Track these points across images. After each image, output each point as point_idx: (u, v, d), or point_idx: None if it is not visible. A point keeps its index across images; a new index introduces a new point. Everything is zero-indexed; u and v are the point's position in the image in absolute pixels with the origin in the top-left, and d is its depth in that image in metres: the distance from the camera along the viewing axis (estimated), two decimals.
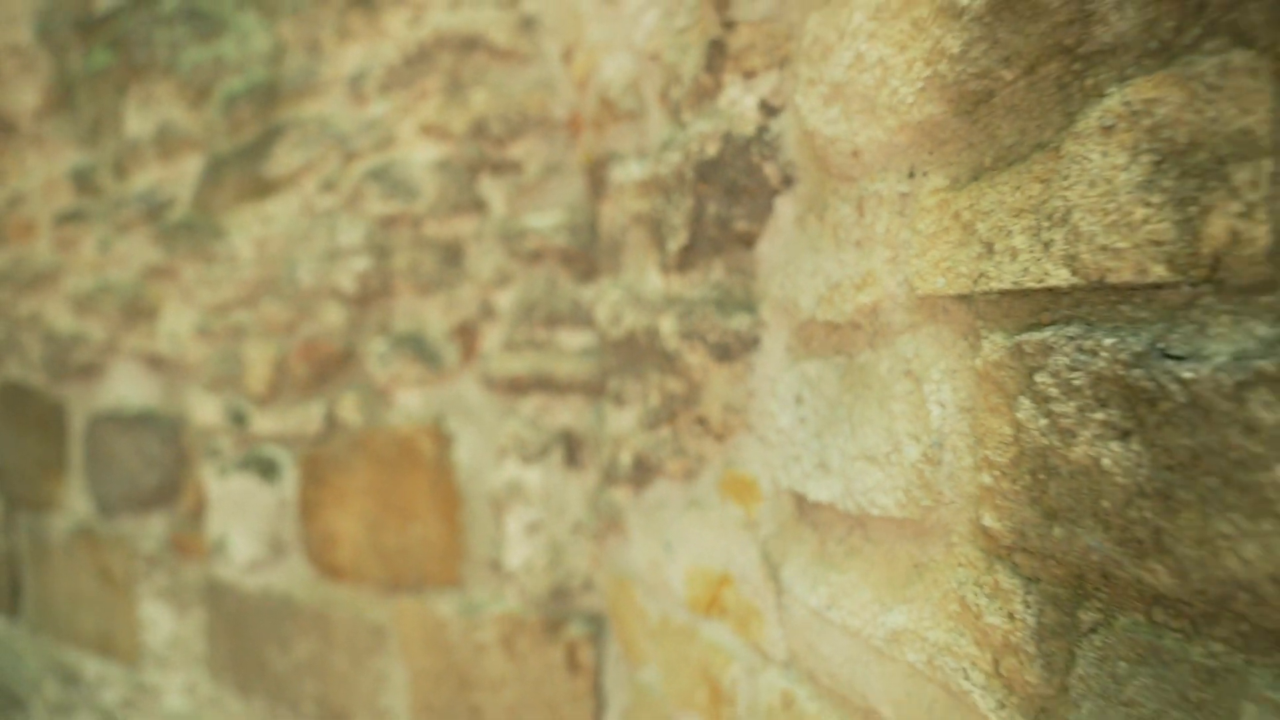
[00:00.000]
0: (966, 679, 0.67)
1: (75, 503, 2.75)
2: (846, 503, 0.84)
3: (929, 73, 0.67)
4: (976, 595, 0.66)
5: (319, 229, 2.05)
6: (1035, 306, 0.58)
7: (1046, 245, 0.56)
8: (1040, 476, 0.58)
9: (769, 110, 0.92)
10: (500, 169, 1.78)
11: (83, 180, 2.77)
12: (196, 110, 2.44)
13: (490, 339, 1.78)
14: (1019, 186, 0.60)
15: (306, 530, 2.08)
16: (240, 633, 2.28)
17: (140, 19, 2.68)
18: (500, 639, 1.80)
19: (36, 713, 2.96)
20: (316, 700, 2.13)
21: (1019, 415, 0.59)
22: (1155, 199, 0.49)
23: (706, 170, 1.01)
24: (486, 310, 1.78)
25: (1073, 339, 0.54)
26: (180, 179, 2.45)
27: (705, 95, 1.01)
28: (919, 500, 0.73)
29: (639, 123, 1.31)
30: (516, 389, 1.74)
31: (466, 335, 1.81)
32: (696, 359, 1.07)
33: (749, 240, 0.98)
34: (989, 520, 0.64)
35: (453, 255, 1.83)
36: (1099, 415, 0.52)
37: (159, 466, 2.45)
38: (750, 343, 0.98)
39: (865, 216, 0.78)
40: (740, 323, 0.98)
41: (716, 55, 0.97)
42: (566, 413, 1.68)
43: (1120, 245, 0.51)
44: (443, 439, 1.85)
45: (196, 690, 2.43)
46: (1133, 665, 0.53)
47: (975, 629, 0.66)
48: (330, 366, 2.00)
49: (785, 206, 0.94)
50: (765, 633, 1.05)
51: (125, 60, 2.69)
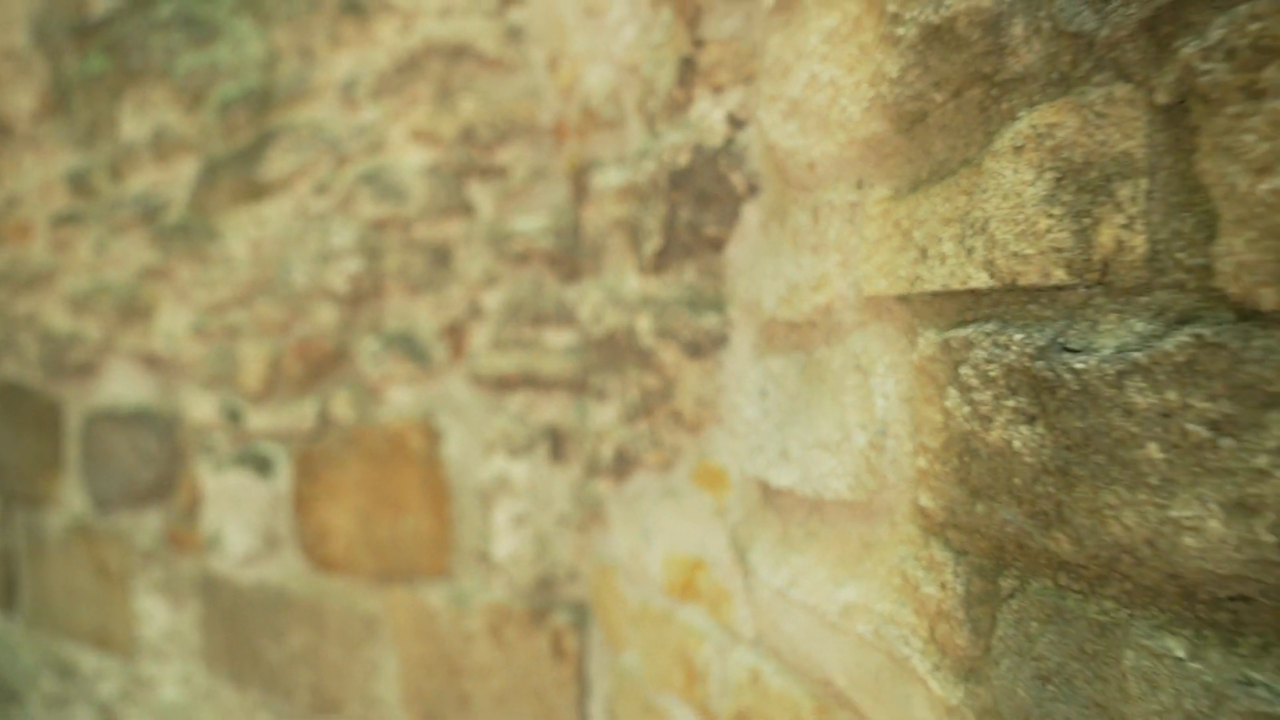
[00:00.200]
0: (907, 645, 0.74)
1: (71, 499, 2.80)
2: (805, 488, 0.90)
3: (873, 93, 0.74)
4: (915, 569, 0.73)
5: (312, 231, 2.11)
6: (960, 306, 0.65)
7: (969, 251, 0.63)
8: (965, 458, 0.64)
9: (736, 123, 0.99)
10: (488, 174, 1.84)
11: (79, 182, 2.81)
12: (191, 114, 2.49)
13: (478, 338, 1.84)
14: (948, 198, 0.66)
15: (300, 524, 2.14)
16: (235, 625, 2.33)
17: (136, 24, 2.73)
18: (488, 628, 1.86)
19: (33, 706, 3.01)
20: (310, 690, 2.19)
21: (947, 404, 0.66)
22: (1056, 211, 0.56)
23: (679, 178, 1.07)
24: (474, 310, 1.85)
25: (989, 335, 0.61)
26: (176, 182, 2.50)
27: (678, 108, 1.08)
28: (866, 484, 0.79)
29: (619, 131, 1.37)
30: (504, 386, 1.80)
31: (455, 334, 1.87)
32: (670, 356, 1.14)
33: (718, 244, 1.05)
34: (925, 500, 0.71)
35: (442, 257, 1.89)
36: (1010, 402, 0.59)
37: (155, 463, 2.50)
38: (719, 340, 1.05)
39: (820, 223, 0.85)
40: (710, 321, 1.04)
41: (688, 71, 1.04)
42: (552, 409, 1.74)
43: (1028, 252, 0.58)
44: (432, 435, 1.91)
45: (192, 681, 2.48)
46: (1042, 624, 0.60)
47: (914, 599, 0.73)
48: (323, 365, 2.06)
49: (751, 213, 1.00)
50: (735, 613, 1.11)
51: (121, 65, 2.74)
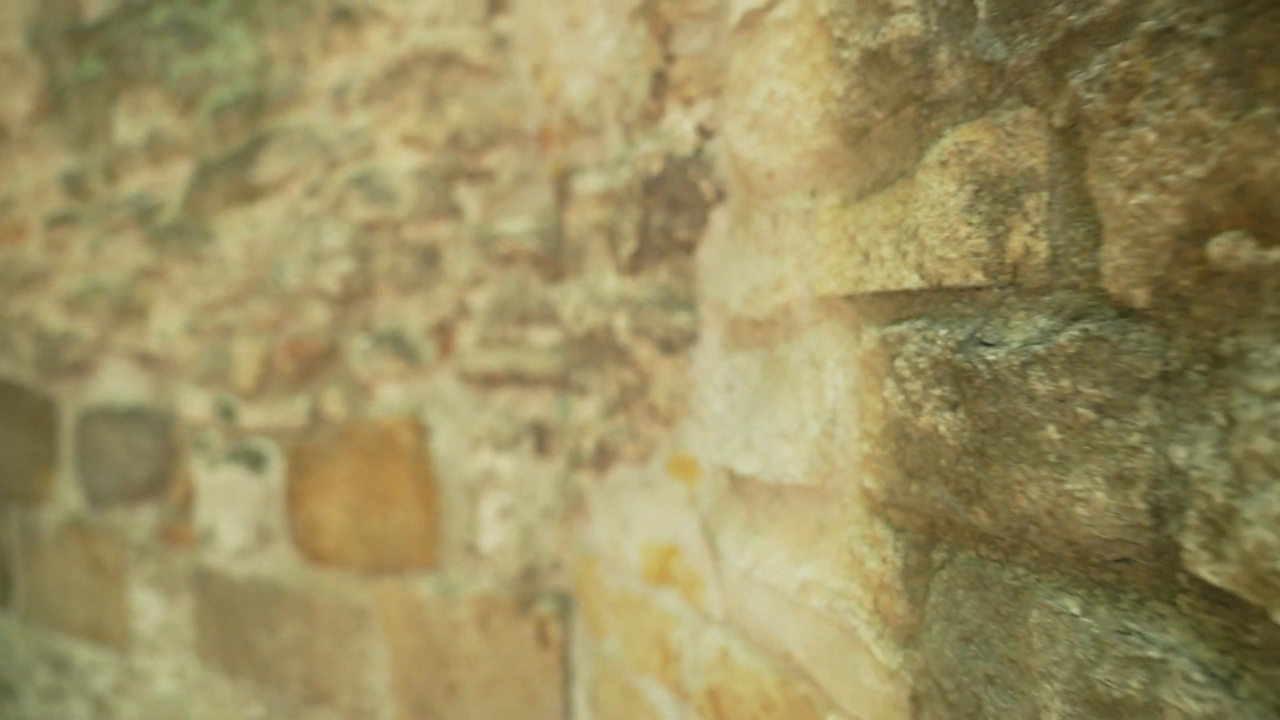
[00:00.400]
0: (854, 616, 0.80)
1: (66, 496, 2.85)
2: (766, 475, 0.97)
3: (823, 109, 0.80)
4: (861, 546, 0.79)
5: (304, 232, 2.17)
6: (897, 305, 0.72)
7: (904, 255, 0.70)
8: (901, 443, 0.71)
9: (704, 134, 1.05)
10: (475, 177, 1.90)
11: (73, 184, 2.86)
12: (185, 118, 2.55)
13: (466, 336, 1.90)
14: (887, 206, 0.73)
15: (292, 518, 2.20)
16: (228, 617, 2.38)
17: (130, 30, 2.78)
18: (475, 618, 1.92)
19: (27, 700, 3.05)
20: (302, 680, 2.24)
21: (885, 393, 0.72)
22: (975, 220, 0.62)
23: (652, 185, 1.13)
24: (462, 309, 1.91)
25: (919, 330, 0.67)
26: (170, 184, 2.55)
27: (651, 118, 1.14)
28: (820, 469, 0.86)
29: (599, 138, 1.44)
30: (490, 383, 1.86)
31: (444, 333, 1.93)
32: (645, 353, 1.20)
33: (689, 247, 1.11)
34: (869, 482, 0.77)
35: (431, 258, 1.95)
36: (936, 391, 0.65)
37: (149, 459, 2.55)
38: (690, 338, 1.11)
39: (778, 229, 0.91)
40: (681, 320, 1.11)
41: (660, 84, 1.10)
42: (536, 404, 1.80)
43: (951, 256, 0.64)
44: (421, 430, 1.97)
45: (186, 674, 2.53)
46: (966, 591, 0.66)
47: (860, 574, 0.80)
48: (315, 363, 2.12)
49: (719, 218, 1.07)
50: (706, 596, 1.17)
51: (115, 69, 2.79)
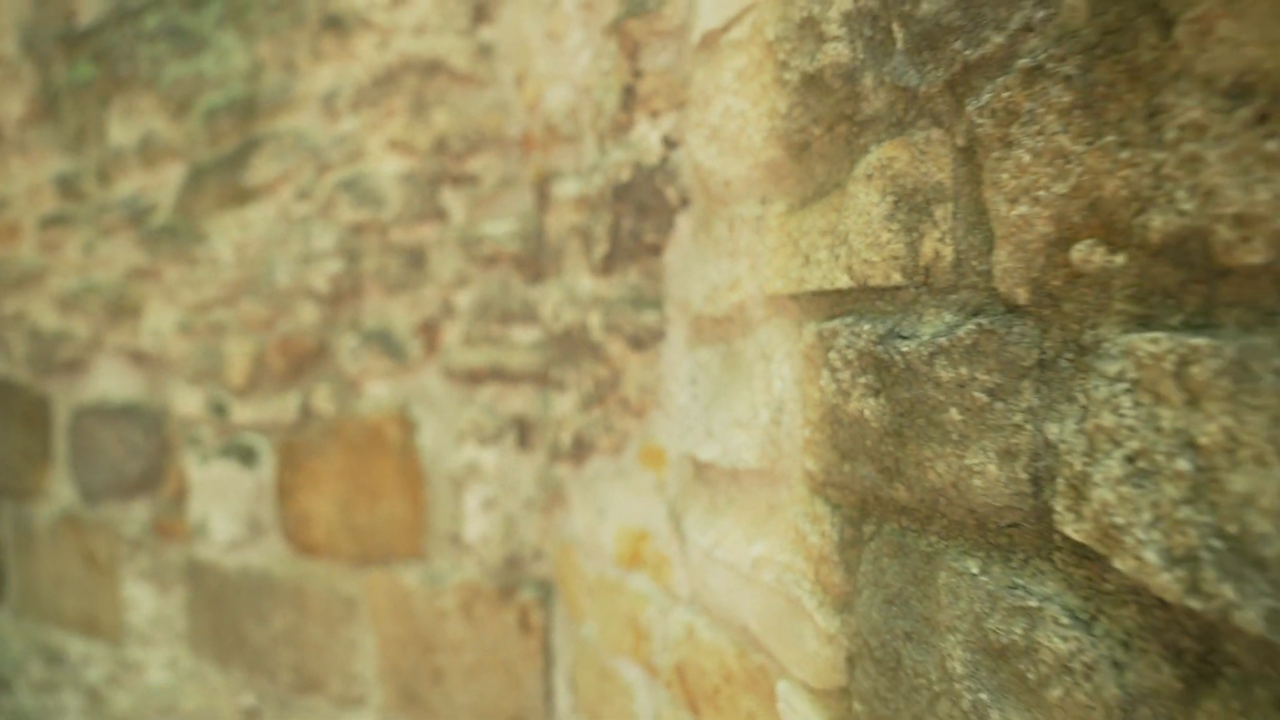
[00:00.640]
0: (799, 587, 0.88)
1: (60, 491, 2.90)
2: (725, 461, 1.04)
3: (770, 125, 0.88)
4: (804, 522, 0.87)
5: (295, 234, 2.24)
6: (831, 303, 0.79)
7: (837, 258, 0.77)
8: (834, 427, 0.79)
9: (670, 144, 1.13)
10: (460, 181, 1.97)
11: (67, 186, 2.92)
12: (178, 122, 2.61)
13: (451, 334, 1.97)
14: (824, 214, 0.81)
15: (283, 511, 2.27)
16: (220, 609, 2.45)
17: (123, 34, 2.84)
18: (460, 605, 1.99)
19: (21, 693, 3.11)
20: (292, 669, 2.31)
21: (822, 383, 0.80)
22: (894, 227, 0.70)
23: (622, 191, 1.21)
24: (447, 309, 1.98)
25: (849, 326, 0.75)
26: (163, 186, 2.61)
27: (622, 129, 1.22)
28: (769, 454, 0.94)
29: (576, 145, 1.51)
30: (474, 379, 1.94)
31: (429, 331, 2.00)
32: (617, 349, 1.28)
33: (656, 250, 1.19)
34: (809, 464, 0.85)
35: (417, 259, 2.02)
36: (862, 379, 0.73)
37: (142, 455, 2.61)
38: (658, 334, 1.19)
39: (734, 233, 0.99)
40: (650, 318, 1.18)
41: (629, 97, 1.18)
42: (518, 400, 1.87)
43: (874, 259, 0.72)
44: (408, 425, 2.04)
45: (178, 664, 2.60)
46: (890, 559, 0.74)
47: (804, 548, 0.87)
48: (305, 360, 2.19)
49: (684, 223, 1.14)
50: (673, 576, 1.25)
51: (108, 73, 2.85)
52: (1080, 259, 0.53)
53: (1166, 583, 0.47)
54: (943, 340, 0.64)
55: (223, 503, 2.38)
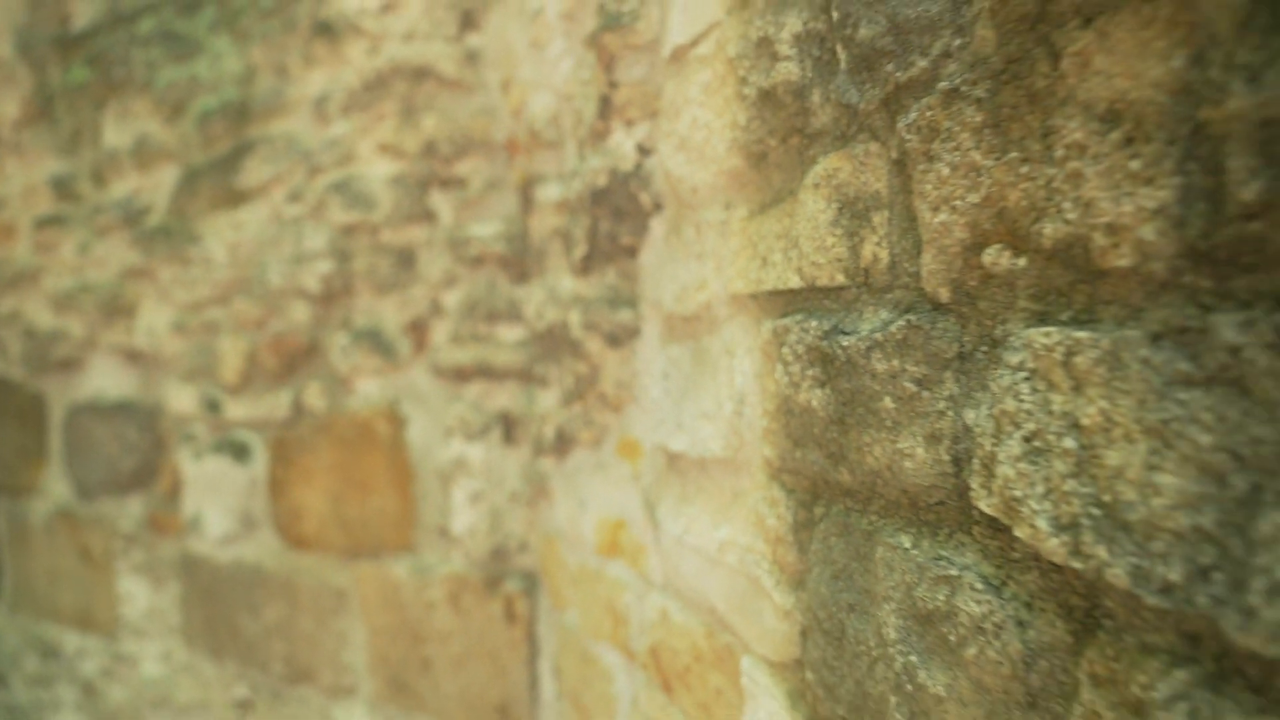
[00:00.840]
0: (758, 568, 0.94)
1: (55, 488, 2.95)
2: (693, 451, 1.11)
3: (732, 136, 0.95)
4: (763, 506, 0.93)
5: (287, 235, 2.29)
6: (784, 302, 0.86)
7: (789, 260, 0.84)
8: (788, 417, 0.85)
9: (644, 152, 1.19)
10: (448, 184, 2.03)
11: (62, 187, 2.96)
12: (172, 125, 2.66)
13: (439, 333, 2.03)
14: (779, 219, 0.87)
15: (275, 505, 2.32)
16: (213, 602, 2.50)
17: (118, 38, 2.89)
18: (448, 596, 2.05)
19: (16, 686, 3.15)
20: (284, 660, 2.36)
21: (776, 376, 0.86)
22: (838, 232, 0.76)
23: (599, 196, 1.27)
24: (436, 308, 2.04)
25: (799, 323, 0.82)
26: (157, 187, 2.66)
27: (599, 136, 1.28)
28: (732, 444, 1.00)
29: (558, 151, 1.57)
30: (461, 376, 2.00)
31: (418, 330, 2.06)
32: (595, 346, 1.34)
33: (632, 252, 1.25)
34: (767, 451, 0.91)
35: (406, 259, 2.08)
36: (810, 372, 0.80)
37: (137, 451, 2.66)
38: (633, 332, 1.25)
39: (701, 236, 1.05)
40: (625, 316, 1.24)
41: (606, 106, 1.24)
42: (504, 396, 1.93)
43: (821, 261, 0.78)
44: (397, 421, 2.10)
45: (172, 657, 2.65)
46: (837, 538, 0.80)
47: (763, 531, 0.94)
48: (297, 358, 2.24)
49: (657, 226, 1.20)
50: (648, 563, 1.31)
51: (103, 76, 2.90)
52: (990, 262, 0.60)
53: (1054, 547, 0.53)
54: (878, 335, 0.70)
55: (216, 498, 2.44)
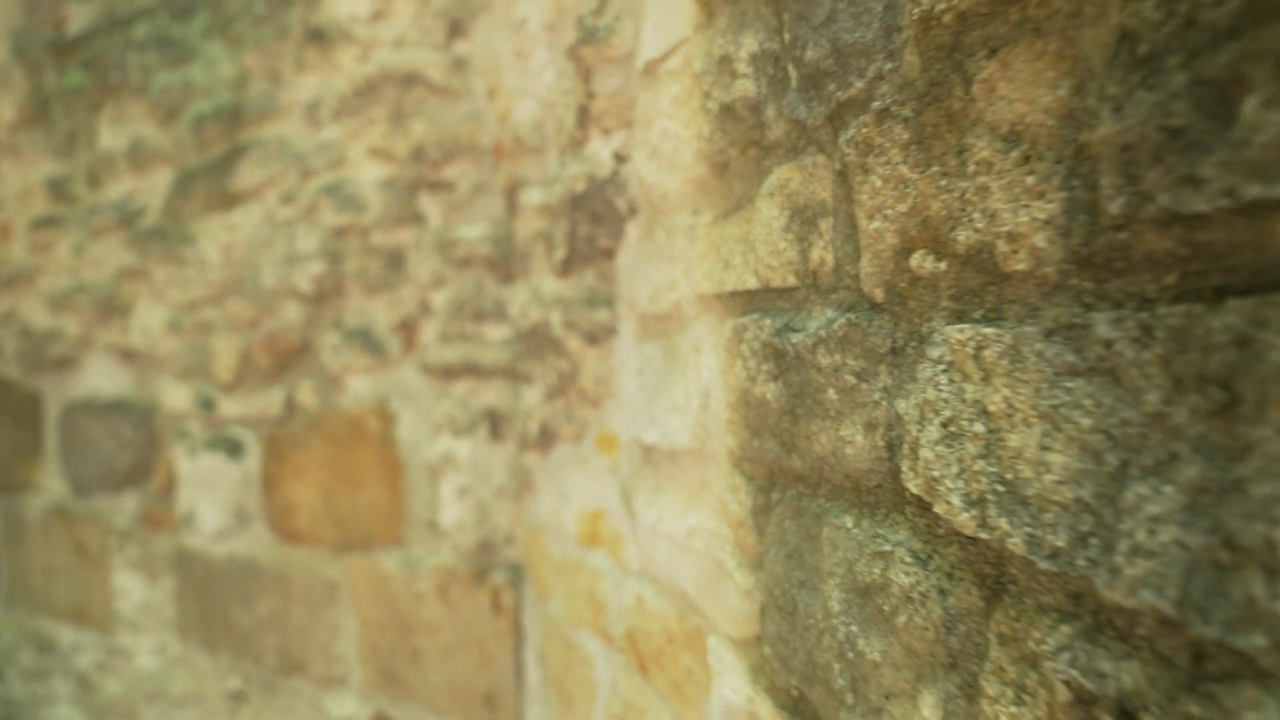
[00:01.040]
0: (722, 551, 1.01)
1: (50, 484, 3.00)
2: (665, 443, 1.17)
3: (697, 146, 1.01)
4: (726, 493, 1.00)
5: (279, 237, 2.35)
6: (744, 302, 0.92)
7: (747, 263, 0.90)
8: (746, 409, 0.91)
9: (619, 159, 1.25)
10: (436, 188, 2.09)
11: (58, 188, 3.01)
12: (166, 128, 2.71)
13: (427, 332, 2.09)
14: (739, 225, 0.93)
15: (268, 501, 2.37)
16: (207, 595, 2.55)
17: (113, 42, 2.94)
18: (436, 588, 2.11)
19: (12, 680, 3.20)
20: (277, 652, 2.42)
21: (736, 370, 0.93)
22: (790, 237, 0.83)
23: (578, 201, 1.33)
24: (424, 308, 2.10)
25: (755, 321, 0.88)
26: (152, 189, 2.71)
27: (578, 144, 1.34)
28: (700, 435, 1.06)
29: (541, 156, 1.63)
30: (449, 374, 2.05)
31: (407, 329, 2.12)
32: (575, 344, 1.40)
33: (609, 254, 1.31)
34: (729, 442, 0.97)
35: (396, 261, 2.14)
36: (765, 367, 0.86)
37: (132, 449, 2.71)
38: (610, 331, 1.31)
39: (671, 240, 1.11)
40: (603, 316, 1.30)
41: (584, 116, 1.30)
42: (490, 393, 1.99)
43: (774, 264, 0.85)
44: (387, 418, 2.15)
45: (166, 650, 2.70)
46: (790, 520, 0.86)
47: (726, 516, 1.00)
48: (290, 357, 2.30)
49: (632, 229, 1.27)
50: (626, 551, 1.37)
51: (99, 80, 2.95)
52: (916, 265, 0.66)
53: (965, 521, 0.59)
54: (823, 332, 0.77)
55: (210, 493, 2.49)
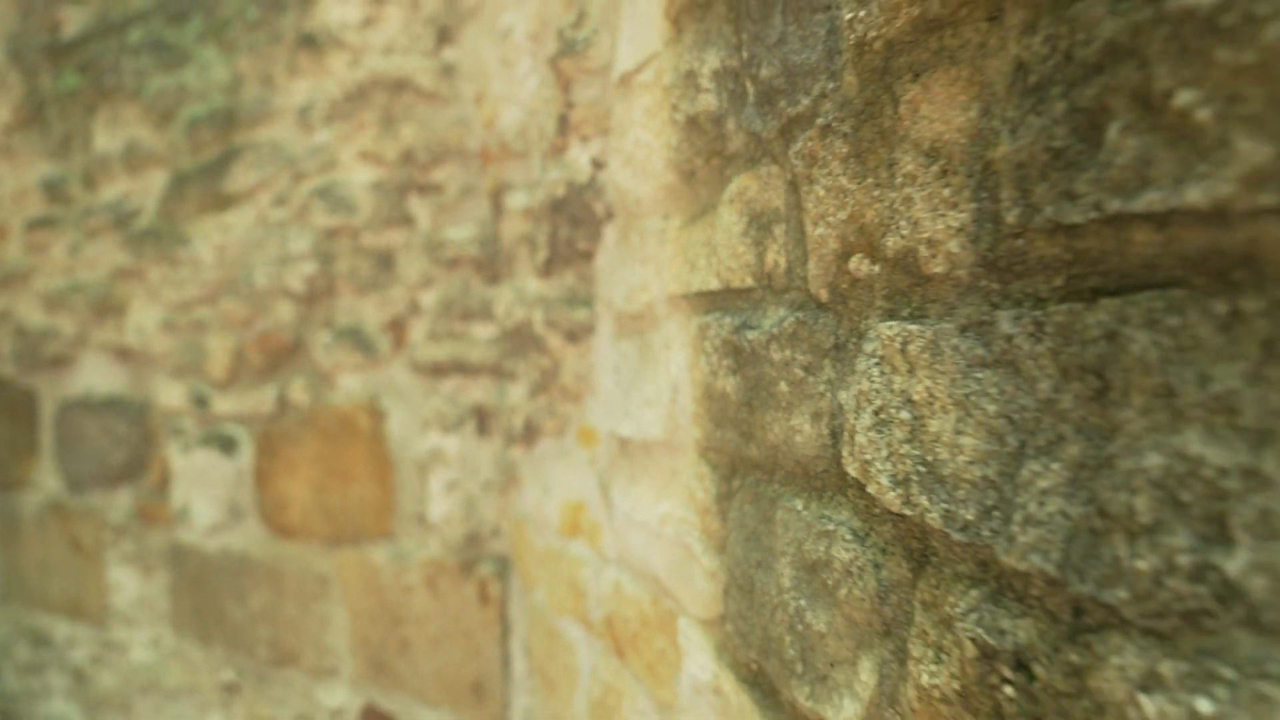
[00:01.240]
0: (690, 536, 1.07)
1: (46, 481, 3.05)
2: (639, 435, 1.23)
3: (667, 155, 1.07)
4: (693, 481, 1.06)
5: (272, 238, 2.40)
6: (707, 301, 0.98)
7: (710, 265, 0.96)
8: (710, 401, 0.98)
9: (597, 165, 1.31)
10: (425, 190, 2.15)
11: (53, 190, 3.06)
12: (161, 131, 2.76)
13: (417, 331, 2.15)
14: (704, 229, 0.99)
15: (261, 496, 2.43)
16: (201, 589, 2.60)
17: (108, 46, 2.99)
18: (425, 580, 2.17)
19: (6, 674, 3.24)
20: (270, 644, 2.47)
21: (701, 366, 0.99)
22: (747, 241, 0.89)
23: (558, 205, 1.39)
24: (413, 307, 2.15)
25: (716, 319, 0.94)
26: (146, 191, 2.77)
27: (558, 151, 1.40)
28: (670, 428, 1.12)
29: (525, 161, 1.69)
30: (438, 372, 2.11)
31: (397, 328, 2.18)
32: (556, 342, 1.46)
33: (588, 256, 1.37)
34: (696, 433, 1.04)
35: (386, 261, 2.19)
36: (725, 362, 0.92)
37: (126, 445, 2.76)
38: (589, 329, 1.37)
39: (645, 243, 1.18)
40: (582, 315, 1.36)
41: (564, 124, 1.36)
42: (478, 390, 2.05)
43: (734, 266, 0.91)
44: (377, 415, 2.21)
45: (161, 643, 2.75)
46: (749, 505, 0.93)
47: (693, 503, 1.06)
48: (282, 355, 2.35)
49: (609, 233, 1.33)
50: (604, 541, 1.44)
51: (94, 83, 3.00)
52: (854, 268, 0.72)
53: (893, 499, 0.66)
54: (775, 330, 0.83)
55: (204, 489, 2.54)
